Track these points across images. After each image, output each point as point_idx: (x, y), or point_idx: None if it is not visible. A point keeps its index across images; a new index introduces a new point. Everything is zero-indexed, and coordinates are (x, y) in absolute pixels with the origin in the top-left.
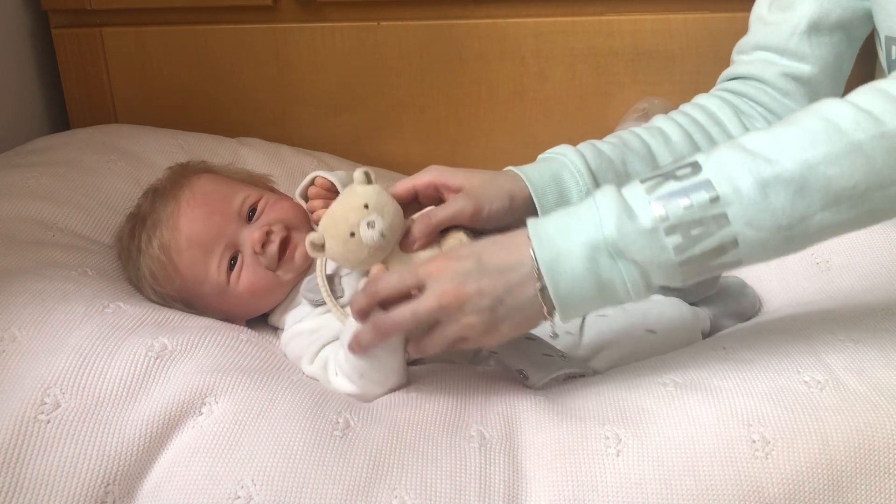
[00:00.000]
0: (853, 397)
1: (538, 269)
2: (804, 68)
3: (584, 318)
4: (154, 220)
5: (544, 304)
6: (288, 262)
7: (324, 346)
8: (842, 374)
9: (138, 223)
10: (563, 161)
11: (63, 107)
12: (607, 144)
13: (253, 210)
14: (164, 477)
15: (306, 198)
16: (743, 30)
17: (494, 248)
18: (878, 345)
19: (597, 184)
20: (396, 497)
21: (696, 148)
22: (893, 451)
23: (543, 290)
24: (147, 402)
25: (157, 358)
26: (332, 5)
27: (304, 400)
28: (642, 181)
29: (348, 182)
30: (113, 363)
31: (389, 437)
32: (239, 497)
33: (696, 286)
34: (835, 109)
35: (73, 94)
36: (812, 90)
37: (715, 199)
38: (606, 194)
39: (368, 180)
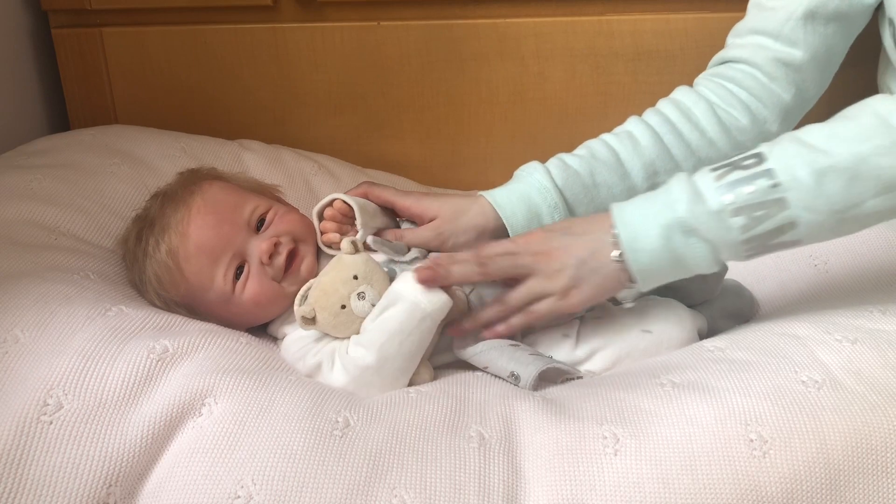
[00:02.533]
0: (851, 397)
1: (618, 238)
2: (796, 54)
3: (581, 320)
4: (163, 225)
5: (623, 277)
6: (293, 274)
7: (332, 341)
8: (839, 373)
9: (146, 227)
10: (530, 181)
11: (63, 107)
12: (575, 158)
13: (262, 220)
14: (165, 477)
15: (321, 216)
16: None
17: (581, 221)
18: (875, 345)
19: (564, 199)
20: (396, 496)
21: (666, 150)
22: (891, 451)
23: (622, 260)
24: (148, 404)
25: (158, 360)
26: (332, 5)
27: (304, 399)
28: (712, 169)
29: (366, 210)
30: (115, 365)
31: (389, 436)
32: (239, 497)
33: (699, 289)
34: (884, 106)
35: (73, 94)
36: (800, 77)
37: (776, 186)
38: (680, 181)
39: (356, 249)
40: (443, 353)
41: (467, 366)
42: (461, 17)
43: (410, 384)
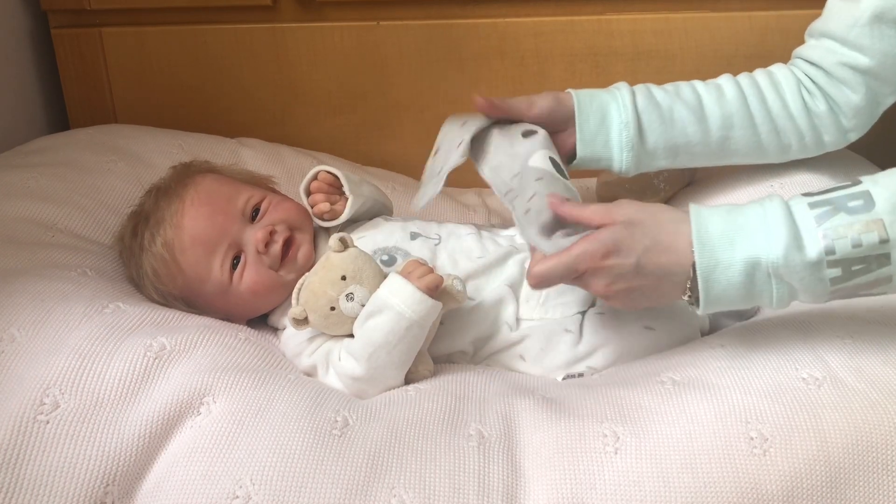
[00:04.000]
0: (851, 394)
1: (693, 278)
2: (862, 60)
3: (583, 316)
4: (158, 219)
5: (686, 301)
6: (290, 262)
7: (326, 342)
8: (840, 371)
9: (141, 221)
10: (615, 94)
11: (62, 107)
12: (661, 90)
13: (256, 210)
14: (163, 477)
15: (308, 192)
16: (742, 30)
17: (657, 252)
18: (876, 342)
19: (639, 122)
20: (395, 496)
21: (747, 109)
22: (891, 448)
23: (691, 294)
24: (146, 403)
25: (155, 358)
26: (332, 5)
27: (303, 399)
28: (811, 204)
29: (351, 178)
30: (112, 363)
31: (388, 435)
32: (237, 497)
33: None
34: None
35: (73, 94)
36: (871, 80)
37: (885, 241)
38: (777, 211)
39: (344, 246)
40: (442, 342)
41: (466, 360)
42: (461, 17)
43: (410, 379)
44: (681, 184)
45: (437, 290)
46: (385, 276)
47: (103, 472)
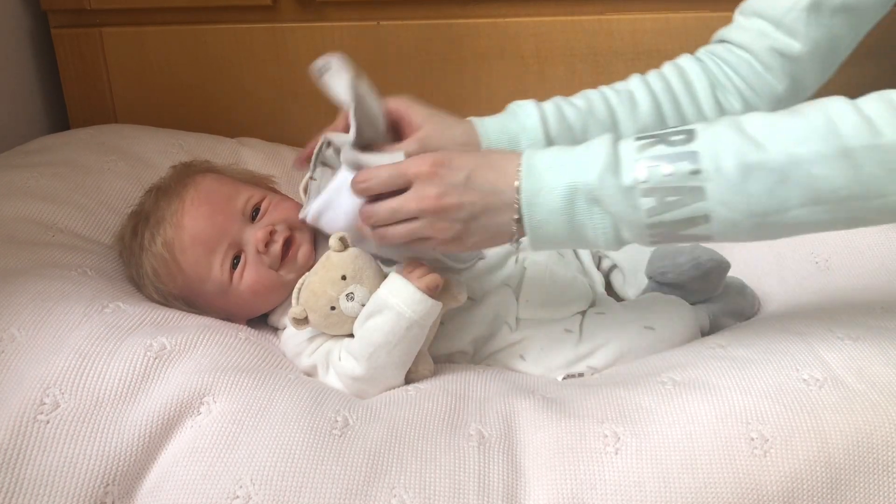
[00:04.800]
0: (852, 395)
1: (518, 200)
2: (795, 46)
3: (583, 316)
4: (158, 218)
5: (516, 232)
6: (290, 261)
7: (326, 342)
8: (840, 372)
9: (141, 221)
10: (523, 122)
11: (63, 107)
12: (573, 108)
13: (256, 210)
14: (163, 477)
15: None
16: None
17: (486, 168)
18: (876, 343)
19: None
20: (395, 496)
21: (661, 118)
22: (892, 449)
23: (520, 219)
24: (146, 402)
25: (155, 358)
26: (332, 5)
27: (303, 398)
28: (638, 138)
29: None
30: (112, 363)
31: (388, 435)
32: (238, 496)
33: (700, 286)
34: (838, 110)
35: (73, 94)
36: (798, 69)
37: (696, 172)
38: (603, 143)
39: (344, 245)
40: (442, 342)
41: (467, 360)
42: (461, 17)
43: (410, 379)
44: None
45: (436, 290)
46: (385, 275)
47: (103, 471)
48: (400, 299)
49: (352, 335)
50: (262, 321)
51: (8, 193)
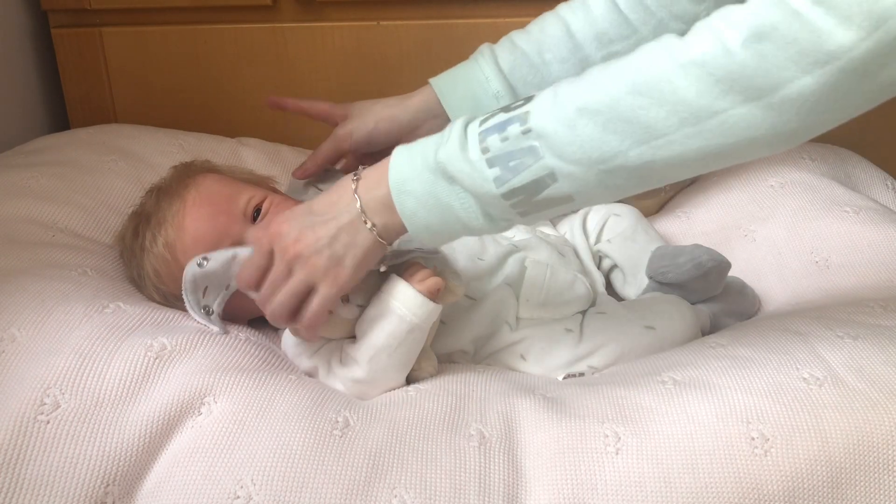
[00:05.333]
0: (852, 394)
1: (362, 209)
2: None
3: (584, 315)
4: (159, 219)
5: (381, 238)
6: None
7: (327, 343)
8: (841, 370)
9: (142, 222)
10: (477, 64)
11: (63, 107)
12: (525, 35)
13: (258, 210)
14: (164, 477)
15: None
16: None
17: (324, 196)
18: (876, 341)
19: (510, 84)
20: (396, 496)
21: (622, 15)
22: (892, 448)
23: (374, 227)
24: (146, 403)
25: (156, 358)
26: (332, 5)
27: (304, 399)
28: (485, 115)
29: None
30: (112, 363)
31: (389, 435)
32: (238, 497)
33: (701, 286)
34: (663, 40)
35: (73, 94)
36: None
37: (527, 132)
38: (455, 123)
39: None
40: (443, 341)
41: (467, 360)
42: (461, 17)
43: (415, 376)
44: (682, 184)
45: (437, 293)
46: (383, 278)
47: (104, 472)
48: (401, 302)
49: (352, 338)
50: (262, 321)
51: (8, 193)
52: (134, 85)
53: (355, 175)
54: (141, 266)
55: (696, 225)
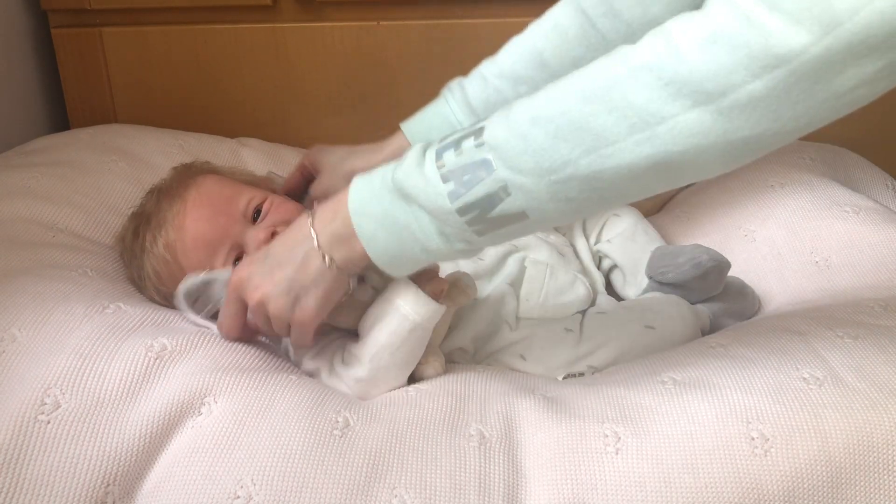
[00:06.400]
0: (852, 394)
1: (319, 244)
2: None
3: (583, 315)
4: (159, 220)
5: (341, 272)
6: None
7: (329, 343)
8: (841, 370)
9: (142, 223)
10: (446, 102)
11: (63, 107)
12: (494, 66)
13: (258, 211)
14: (164, 477)
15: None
16: None
17: (281, 239)
18: (876, 341)
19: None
20: (396, 496)
21: (602, 37)
22: (892, 448)
23: (332, 261)
24: (147, 403)
25: (156, 358)
26: (332, 5)
27: (304, 399)
28: (449, 135)
29: None
30: (113, 364)
31: (389, 435)
32: (238, 497)
33: (701, 286)
34: (617, 49)
35: (73, 94)
36: None
37: (481, 145)
38: (415, 147)
39: None
40: (453, 337)
41: (467, 359)
42: (461, 17)
43: (420, 374)
44: None
45: (441, 294)
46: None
47: (104, 471)
48: (404, 301)
49: (355, 333)
50: None
51: (8, 193)
52: (134, 85)
53: (310, 213)
54: (141, 267)
55: (696, 225)
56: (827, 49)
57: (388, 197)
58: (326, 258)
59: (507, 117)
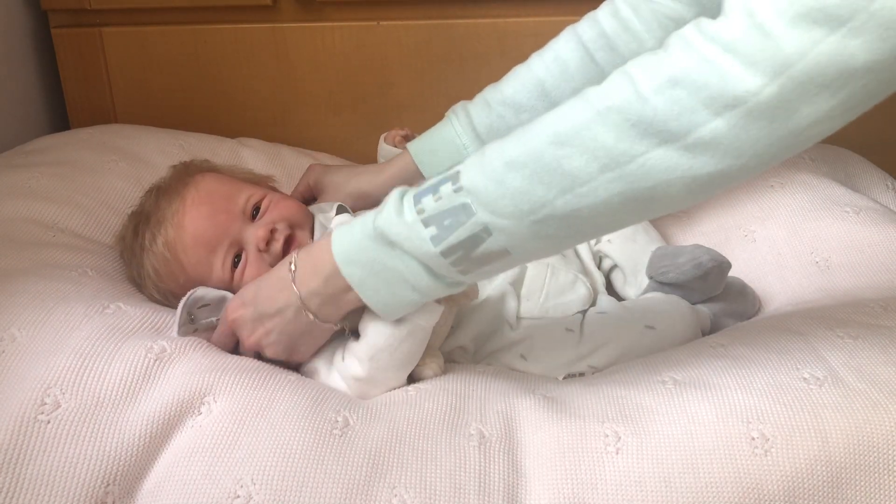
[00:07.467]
0: (852, 394)
1: (302, 302)
2: None
3: (584, 315)
4: (158, 219)
5: (326, 323)
6: None
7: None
8: (841, 370)
9: (142, 221)
10: (452, 127)
11: (63, 107)
12: (498, 92)
13: (257, 209)
14: (164, 477)
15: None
16: None
17: (267, 292)
18: (876, 341)
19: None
20: (396, 496)
21: (599, 69)
22: (892, 448)
23: (315, 317)
24: (146, 403)
25: (156, 359)
26: (332, 5)
27: (304, 399)
28: (427, 182)
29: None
30: (113, 364)
31: (389, 435)
32: (238, 496)
33: (701, 286)
34: (583, 92)
35: (73, 94)
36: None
37: (459, 190)
38: (391, 195)
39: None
40: (454, 336)
41: (467, 359)
42: (461, 17)
43: (419, 375)
44: None
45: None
46: None
47: (104, 471)
48: None
49: (355, 334)
50: None
51: (8, 193)
52: (134, 85)
53: (291, 264)
54: (141, 265)
55: (696, 225)
56: (780, 89)
57: (372, 245)
58: (310, 314)
59: (482, 162)
